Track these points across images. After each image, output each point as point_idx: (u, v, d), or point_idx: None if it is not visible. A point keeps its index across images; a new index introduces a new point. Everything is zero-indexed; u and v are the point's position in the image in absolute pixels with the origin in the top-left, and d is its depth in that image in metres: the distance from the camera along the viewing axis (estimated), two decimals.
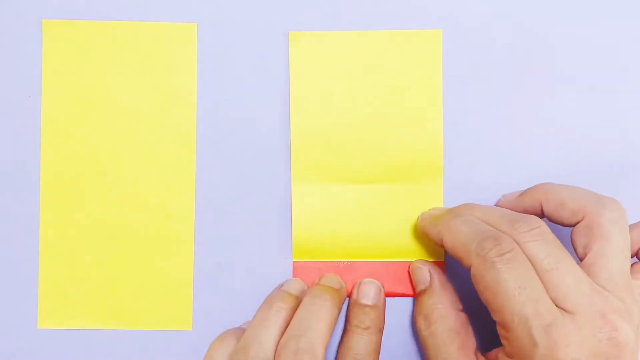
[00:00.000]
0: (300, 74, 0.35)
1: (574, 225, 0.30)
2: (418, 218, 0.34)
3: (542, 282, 0.28)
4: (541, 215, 0.31)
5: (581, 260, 0.29)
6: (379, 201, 0.35)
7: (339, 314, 0.33)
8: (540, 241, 0.29)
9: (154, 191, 0.35)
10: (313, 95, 0.35)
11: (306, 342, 0.29)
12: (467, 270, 0.30)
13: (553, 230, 0.29)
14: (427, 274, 0.33)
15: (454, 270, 0.35)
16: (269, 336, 0.30)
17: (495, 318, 0.28)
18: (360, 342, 0.32)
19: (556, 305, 0.28)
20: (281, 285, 0.34)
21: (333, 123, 0.35)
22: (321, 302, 0.32)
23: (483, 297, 0.29)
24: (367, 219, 0.35)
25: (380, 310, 0.34)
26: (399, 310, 0.35)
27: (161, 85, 0.35)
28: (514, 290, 0.27)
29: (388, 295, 0.35)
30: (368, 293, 0.34)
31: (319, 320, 0.31)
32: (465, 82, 0.35)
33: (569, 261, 0.28)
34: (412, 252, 0.35)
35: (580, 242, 0.30)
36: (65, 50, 0.35)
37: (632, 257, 0.31)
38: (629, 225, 0.30)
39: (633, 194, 0.35)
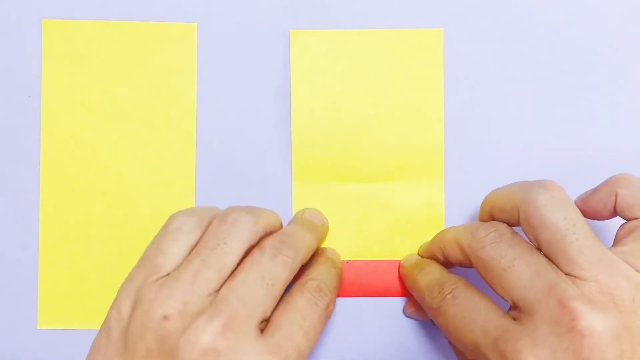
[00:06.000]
0: (301, 72, 0.35)
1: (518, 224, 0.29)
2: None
3: (500, 284, 0.28)
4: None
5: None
6: (380, 200, 0.35)
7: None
8: (497, 243, 0.28)
9: (154, 191, 0.35)
10: (314, 93, 0.35)
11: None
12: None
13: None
14: None
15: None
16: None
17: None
18: (292, 229, 0.31)
19: (516, 308, 0.27)
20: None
21: (334, 122, 0.35)
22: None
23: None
24: (368, 217, 0.35)
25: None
26: (397, 309, 0.35)
27: (161, 85, 0.35)
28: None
29: (388, 295, 0.34)
30: (317, 214, 0.34)
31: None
32: (466, 81, 0.35)
33: (527, 256, 0.27)
34: (413, 251, 0.34)
35: (529, 237, 0.29)
36: (65, 50, 0.35)
37: (610, 217, 0.30)
38: (598, 186, 0.30)
39: None
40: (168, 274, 0.27)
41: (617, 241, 0.29)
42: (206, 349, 0.25)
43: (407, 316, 0.34)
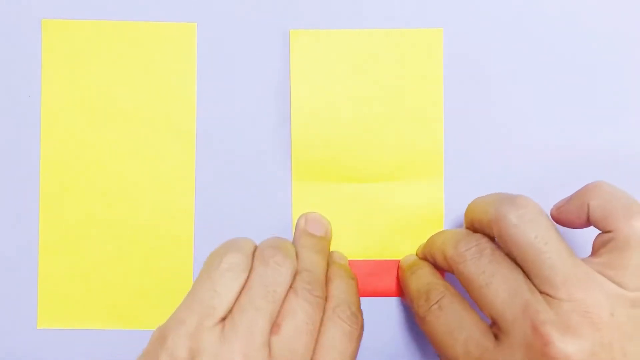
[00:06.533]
0: (301, 72, 0.35)
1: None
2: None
3: (480, 299, 0.28)
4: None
5: None
6: (380, 200, 0.35)
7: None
8: (477, 258, 0.28)
9: (154, 191, 0.35)
10: (314, 93, 0.35)
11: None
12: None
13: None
14: None
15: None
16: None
17: None
18: (309, 259, 0.31)
19: (495, 324, 0.27)
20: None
21: (334, 122, 0.35)
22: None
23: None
24: (368, 217, 0.35)
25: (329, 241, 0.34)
26: (397, 309, 0.35)
27: (161, 85, 0.35)
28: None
29: (388, 295, 0.34)
30: (319, 222, 0.34)
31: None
32: (466, 81, 0.35)
33: (506, 273, 0.27)
34: (413, 251, 0.34)
35: (506, 252, 0.29)
36: (65, 50, 0.35)
37: (585, 227, 0.29)
38: (572, 196, 0.29)
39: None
40: (223, 318, 0.27)
41: (593, 252, 0.28)
42: None
43: (403, 302, 0.35)
